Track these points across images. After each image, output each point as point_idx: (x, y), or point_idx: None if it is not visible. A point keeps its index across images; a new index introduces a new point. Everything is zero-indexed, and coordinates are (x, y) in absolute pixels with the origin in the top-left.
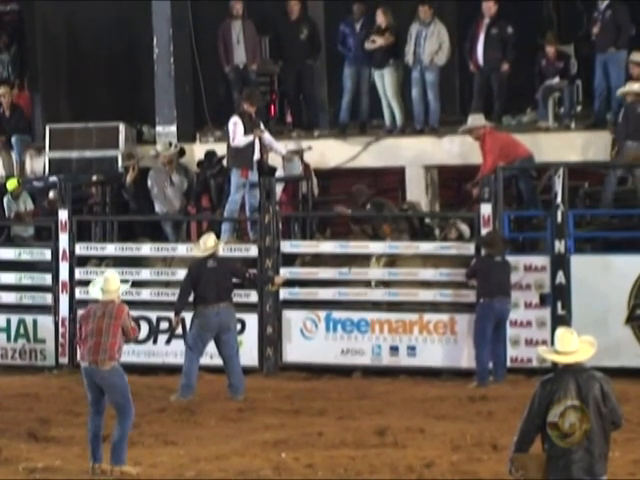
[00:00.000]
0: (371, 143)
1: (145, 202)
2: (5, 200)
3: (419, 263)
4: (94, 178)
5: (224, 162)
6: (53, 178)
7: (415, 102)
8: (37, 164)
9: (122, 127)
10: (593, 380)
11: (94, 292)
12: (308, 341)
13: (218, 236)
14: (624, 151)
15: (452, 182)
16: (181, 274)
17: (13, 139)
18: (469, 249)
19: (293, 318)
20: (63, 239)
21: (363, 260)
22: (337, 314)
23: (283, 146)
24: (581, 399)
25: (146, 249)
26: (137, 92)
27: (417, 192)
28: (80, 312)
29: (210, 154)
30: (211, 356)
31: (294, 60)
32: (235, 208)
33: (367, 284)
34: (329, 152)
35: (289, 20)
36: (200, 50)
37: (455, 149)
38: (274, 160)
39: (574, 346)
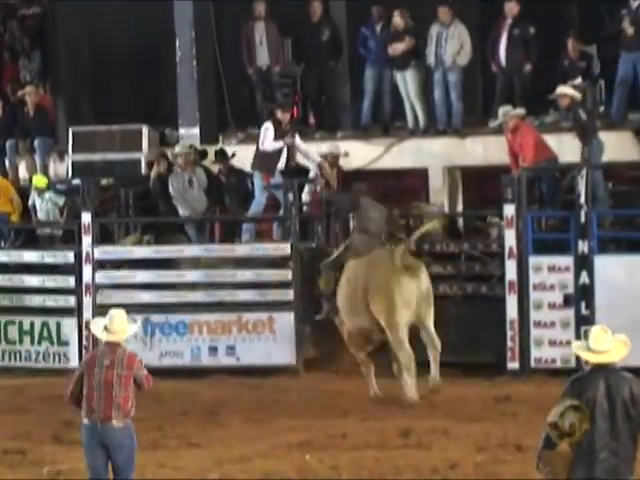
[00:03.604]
0: (394, 144)
1: (172, 203)
2: (31, 199)
3: None
4: (103, 182)
5: (233, 161)
6: (76, 181)
7: (438, 103)
8: (60, 167)
9: (145, 130)
10: (623, 382)
11: (96, 331)
12: None
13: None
14: (597, 148)
15: (475, 183)
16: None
17: (36, 142)
18: (285, 250)
19: None
20: (86, 242)
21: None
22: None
23: (317, 154)
24: (609, 400)
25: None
26: (160, 95)
27: (440, 193)
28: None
29: (219, 152)
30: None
31: (316, 62)
32: (259, 210)
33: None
34: (352, 153)
35: (311, 22)
36: (223, 52)
37: (478, 150)
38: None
39: (608, 345)
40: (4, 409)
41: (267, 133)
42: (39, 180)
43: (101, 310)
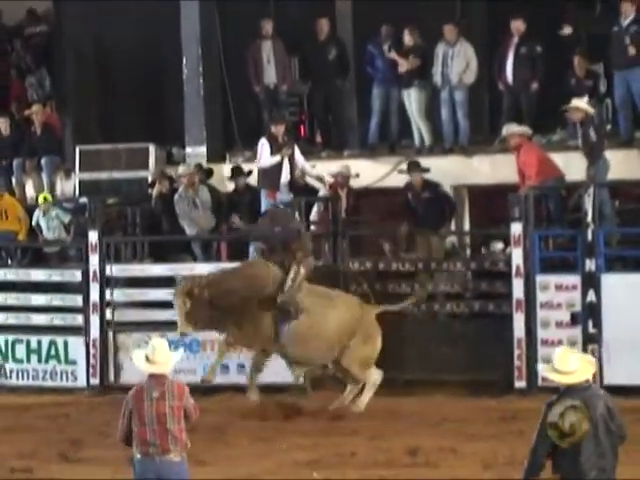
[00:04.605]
0: (401, 163)
1: (176, 222)
2: (35, 217)
3: None
4: (110, 201)
5: (248, 180)
6: (83, 199)
7: (444, 122)
8: (67, 185)
9: (152, 148)
10: (597, 398)
11: (138, 362)
12: None
13: (247, 255)
14: (603, 167)
15: (482, 201)
16: None
17: (43, 160)
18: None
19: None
20: (93, 260)
21: None
22: None
23: (310, 165)
24: (590, 419)
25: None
26: (167, 113)
27: None
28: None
29: (235, 169)
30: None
31: (323, 80)
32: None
33: None
34: (359, 172)
35: (318, 40)
36: (229, 70)
37: (485, 168)
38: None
39: (574, 365)
40: (11, 427)
41: (263, 149)
42: (44, 198)
43: (118, 328)
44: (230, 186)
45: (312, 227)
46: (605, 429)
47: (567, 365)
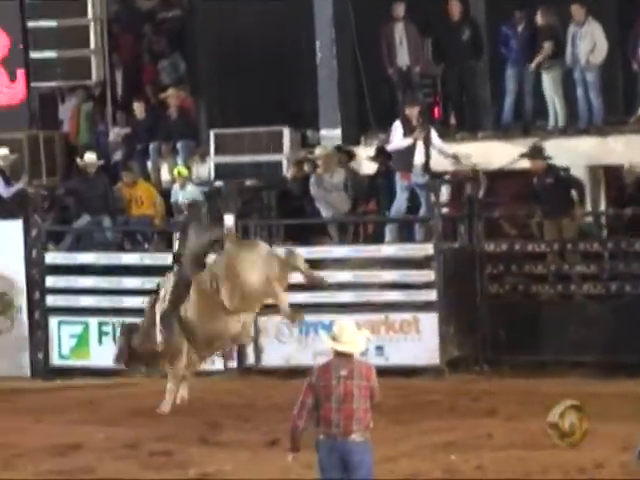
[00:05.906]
0: (537, 144)
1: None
2: (173, 195)
3: None
4: (247, 183)
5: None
6: (218, 183)
7: (579, 102)
8: (202, 169)
9: (286, 131)
10: None
11: (326, 340)
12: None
13: (382, 239)
14: None
15: (617, 182)
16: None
17: (179, 145)
18: (428, 250)
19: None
20: None
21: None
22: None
23: (447, 147)
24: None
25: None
26: (301, 96)
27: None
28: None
29: (379, 150)
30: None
31: (456, 61)
32: (400, 210)
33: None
34: (493, 153)
35: (451, 21)
36: (362, 53)
37: (620, 148)
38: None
39: None
40: (148, 411)
41: (395, 132)
42: (179, 172)
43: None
44: (368, 168)
45: (444, 209)
46: None
47: None
